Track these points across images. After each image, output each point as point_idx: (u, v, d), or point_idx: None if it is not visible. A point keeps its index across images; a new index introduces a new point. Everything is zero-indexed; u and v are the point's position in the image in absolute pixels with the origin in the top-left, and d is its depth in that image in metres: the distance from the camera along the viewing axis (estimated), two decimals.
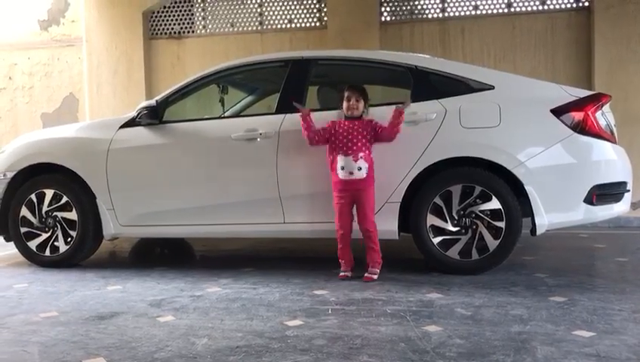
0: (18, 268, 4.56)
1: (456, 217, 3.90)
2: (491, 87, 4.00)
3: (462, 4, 7.14)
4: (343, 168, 3.82)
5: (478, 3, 7.10)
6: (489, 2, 7.08)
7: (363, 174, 3.81)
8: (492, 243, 3.85)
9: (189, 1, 7.83)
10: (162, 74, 7.79)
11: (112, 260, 5.07)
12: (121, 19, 7.78)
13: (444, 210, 3.91)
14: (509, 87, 4.06)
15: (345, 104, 3.88)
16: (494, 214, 3.84)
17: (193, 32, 7.82)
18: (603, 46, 6.60)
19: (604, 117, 3.98)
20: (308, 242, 5.27)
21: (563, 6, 6.90)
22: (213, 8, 7.79)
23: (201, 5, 7.83)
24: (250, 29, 7.67)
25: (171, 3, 7.83)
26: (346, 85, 3.95)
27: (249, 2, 7.69)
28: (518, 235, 3.85)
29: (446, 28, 7.12)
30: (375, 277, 3.83)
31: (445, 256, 3.92)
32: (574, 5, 6.88)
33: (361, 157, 3.81)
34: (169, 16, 7.86)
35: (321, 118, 4.00)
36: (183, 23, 7.83)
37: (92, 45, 7.88)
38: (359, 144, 3.81)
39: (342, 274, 3.90)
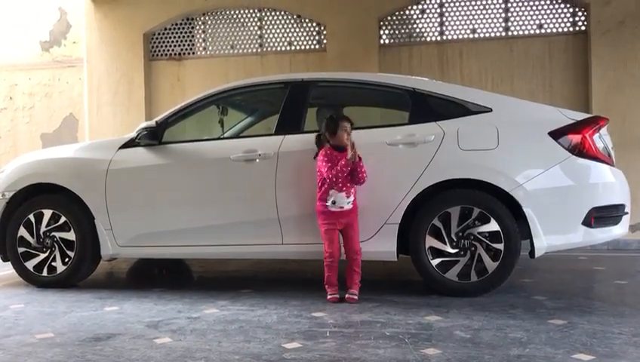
0: (15, 288, 4.54)
1: (454, 239, 3.90)
2: (489, 110, 4.03)
3: (460, 27, 7.22)
4: (334, 203, 3.83)
5: (476, 26, 7.18)
6: (487, 26, 7.15)
7: (350, 205, 3.86)
8: (491, 265, 3.85)
9: (190, 24, 7.91)
10: (162, 95, 7.83)
11: (109, 281, 5.05)
12: (122, 40, 7.85)
13: (443, 232, 3.91)
14: (507, 109, 4.09)
15: (343, 135, 3.84)
16: (493, 236, 3.84)
17: (193, 53, 7.89)
18: (600, 69, 6.66)
19: (601, 139, 4.01)
20: (306, 263, 5.25)
21: (560, 30, 6.98)
22: (214, 30, 7.87)
23: (202, 27, 7.91)
24: (250, 51, 7.74)
25: (172, 25, 7.91)
26: (338, 116, 3.94)
27: (249, 25, 7.77)
28: (516, 257, 3.85)
29: (444, 51, 7.18)
30: (356, 297, 3.83)
31: (444, 277, 3.91)
32: (571, 29, 6.96)
33: (352, 192, 3.86)
34: (170, 38, 7.93)
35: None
36: (184, 45, 7.90)
37: (93, 66, 7.93)
38: (351, 181, 3.85)
39: (331, 296, 3.87)
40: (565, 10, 6.98)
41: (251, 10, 7.75)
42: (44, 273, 4.49)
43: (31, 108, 8.21)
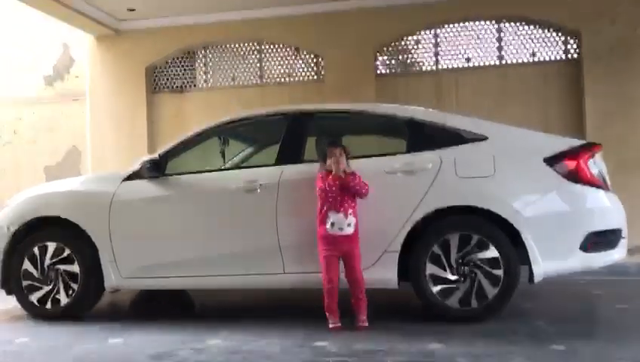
0: (19, 321, 4.55)
1: (454, 265, 3.93)
2: (485, 138, 4.10)
3: (454, 56, 7.36)
4: (333, 225, 3.87)
5: (470, 55, 7.32)
6: (481, 54, 7.29)
7: (351, 230, 3.89)
8: (491, 291, 3.87)
9: (191, 57, 8.06)
10: (164, 127, 7.94)
11: (112, 312, 5.06)
12: (124, 74, 7.99)
13: (443, 259, 3.94)
14: (502, 137, 4.16)
15: (328, 161, 3.94)
16: (492, 262, 3.87)
17: (195, 85, 8.03)
18: (593, 95, 6.78)
19: (596, 165, 4.07)
20: (308, 292, 5.25)
21: (553, 57, 7.12)
22: (215, 63, 8.02)
23: (203, 60, 8.07)
24: (250, 82, 7.87)
25: (174, 58, 8.06)
26: (330, 142, 4.03)
27: (249, 57, 7.92)
28: (516, 283, 3.88)
29: (440, 80, 7.32)
30: (367, 323, 3.87)
31: (445, 304, 3.93)
32: (564, 57, 7.10)
33: (350, 214, 3.89)
34: (172, 71, 8.07)
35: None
36: (185, 78, 8.04)
37: (96, 99, 8.06)
38: (349, 201, 3.89)
39: (333, 325, 3.89)
40: (557, 39, 7.13)
41: (251, 44, 7.91)
42: (48, 306, 4.50)
43: (35, 141, 8.31)
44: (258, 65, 7.88)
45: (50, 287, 4.51)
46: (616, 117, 6.71)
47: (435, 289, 3.95)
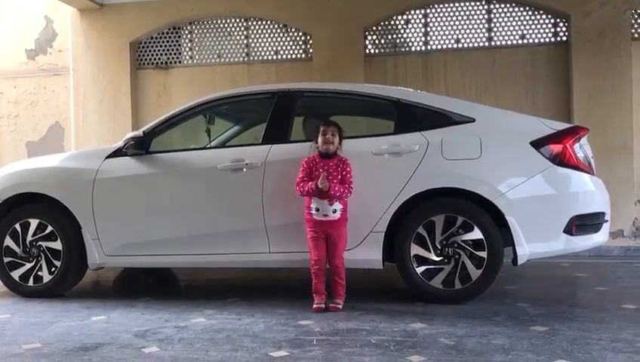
0: (1, 298, 4.52)
1: (439, 247, 3.96)
2: (472, 120, 4.11)
3: (444, 37, 7.32)
4: (317, 210, 3.86)
5: (460, 37, 7.28)
6: (470, 36, 7.26)
7: (337, 216, 3.86)
8: (474, 272, 3.91)
9: (177, 32, 7.94)
10: (149, 103, 7.84)
11: (96, 290, 5.04)
12: (108, 49, 7.85)
13: (428, 240, 3.97)
14: (489, 119, 4.17)
15: (321, 138, 3.91)
16: (476, 244, 3.90)
17: (180, 62, 7.91)
18: (581, 79, 6.79)
19: (582, 149, 4.09)
20: (293, 271, 5.28)
21: (542, 40, 7.11)
22: (200, 39, 7.91)
23: (189, 36, 7.94)
24: (236, 60, 7.78)
25: (158, 34, 7.93)
26: (322, 121, 4.00)
27: (236, 34, 7.82)
28: (499, 265, 3.91)
29: (429, 60, 7.28)
30: (340, 306, 3.86)
31: (429, 285, 3.96)
32: (553, 40, 7.09)
33: (336, 201, 3.86)
34: (156, 46, 7.95)
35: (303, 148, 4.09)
36: (170, 54, 7.93)
37: (79, 74, 7.93)
38: (335, 187, 3.83)
39: (316, 306, 3.89)
40: (547, 21, 7.11)
41: (238, 20, 7.80)
42: (30, 282, 4.48)
43: (16, 116, 8.17)
44: (245, 42, 7.78)
45: (33, 264, 4.48)
46: (603, 100, 6.74)
47: (420, 270, 3.98)
